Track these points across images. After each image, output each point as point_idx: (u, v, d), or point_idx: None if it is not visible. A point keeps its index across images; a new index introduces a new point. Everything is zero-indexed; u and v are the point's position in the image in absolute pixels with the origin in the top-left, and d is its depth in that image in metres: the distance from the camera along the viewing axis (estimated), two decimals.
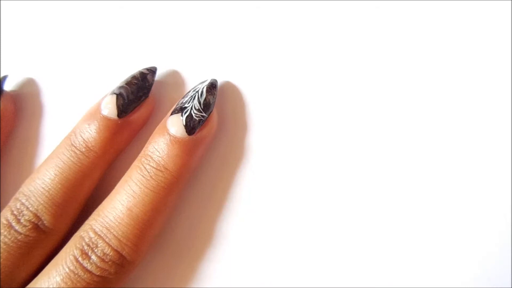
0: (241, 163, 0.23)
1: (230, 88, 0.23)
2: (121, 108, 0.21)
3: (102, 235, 0.20)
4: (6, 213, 0.21)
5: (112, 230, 0.20)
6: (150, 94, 0.22)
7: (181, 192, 0.22)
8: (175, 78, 0.23)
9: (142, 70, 0.22)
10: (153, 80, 0.22)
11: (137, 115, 0.22)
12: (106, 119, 0.21)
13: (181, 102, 0.21)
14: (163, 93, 0.23)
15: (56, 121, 0.24)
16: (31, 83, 0.25)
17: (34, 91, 0.25)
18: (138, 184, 0.20)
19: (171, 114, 0.21)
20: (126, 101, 0.21)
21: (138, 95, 0.21)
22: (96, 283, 0.20)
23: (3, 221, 0.21)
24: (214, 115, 0.21)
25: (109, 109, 0.21)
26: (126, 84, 0.21)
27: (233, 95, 0.23)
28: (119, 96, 0.21)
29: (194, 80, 0.23)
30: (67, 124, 0.23)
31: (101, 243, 0.20)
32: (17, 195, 0.21)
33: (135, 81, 0.21)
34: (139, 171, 0.21)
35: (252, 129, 0.22)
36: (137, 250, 0.20)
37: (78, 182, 0.21)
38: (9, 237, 0.20)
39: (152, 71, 0.22)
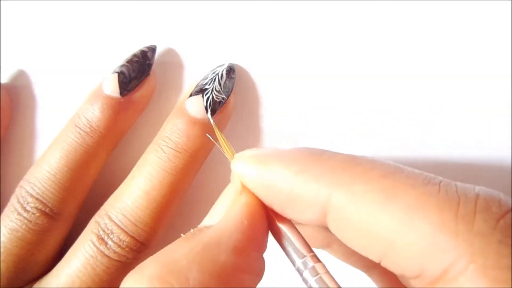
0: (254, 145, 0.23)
1: (241, 72, 0.23)
2: (123, 86, 0.21)
3: (117, 222, 0.19)
4: (13, 201, 0.20)
5: (128, 216, 0.19)
6: (151, 72, 0.22)
7: (196, 174, 0.22)
8: (172, 57, 0.23)
9: (142, 48, 0.22)
10: (153, 57, 0.22)
11: (140, 94, 0.21)
12: (109, 98, 0.21)
13: (200, 84, 0.21)
14: (162, 72, 0.23)
15: (50, 111, 0.24)
16: (23, 75, 0.25)
17: (26, 83, 0.24)
18: (155, 166, 0.20)
19: (190, 95, 0.21)
20: (127, 78, 0.21)
21: (139, 72, 0.21)
22: (115, 267, 0.19)
23: (12, 209, 0.20)
24: (231, 98, 0.21)
25: (111, 87, 0.21)
26: (127, 62, 0.21)
27: (246, 80, 0.23)
28: (120, 74, 0.21)
29: (192, 60, 0.23)
30: (61, 114, 0.23)
31: (116, 230, 0.19)
32: (21, 182, 0.21)
33: (136, 59, 0.21)
34: (156, 154, 0.20)
35: (265, 113, 0.23)
36: (154, 233, 0.20)
37: (84, 164, 0.21)
38: (22, 226, 0.20)
39: (152, 48, 0.22)
